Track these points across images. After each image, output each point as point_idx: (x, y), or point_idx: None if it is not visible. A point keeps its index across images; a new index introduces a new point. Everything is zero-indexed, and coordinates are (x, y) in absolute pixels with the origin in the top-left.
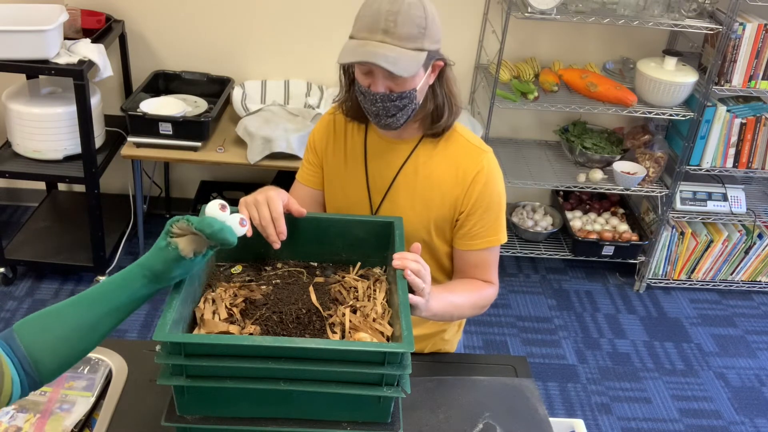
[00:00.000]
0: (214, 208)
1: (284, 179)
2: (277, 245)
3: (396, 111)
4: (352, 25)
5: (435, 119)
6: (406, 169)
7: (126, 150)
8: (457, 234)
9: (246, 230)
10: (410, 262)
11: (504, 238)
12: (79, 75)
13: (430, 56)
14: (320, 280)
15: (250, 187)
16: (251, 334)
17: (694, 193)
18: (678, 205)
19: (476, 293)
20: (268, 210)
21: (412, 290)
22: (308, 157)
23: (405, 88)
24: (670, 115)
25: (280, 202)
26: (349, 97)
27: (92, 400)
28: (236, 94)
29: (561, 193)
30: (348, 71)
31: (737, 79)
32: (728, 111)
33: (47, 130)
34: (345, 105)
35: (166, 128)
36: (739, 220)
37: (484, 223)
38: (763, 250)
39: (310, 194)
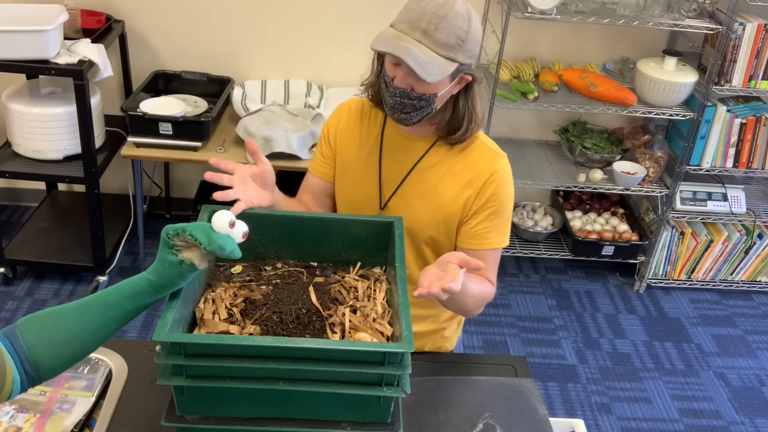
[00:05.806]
0: (224, 224)
1: (284, 179)
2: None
3: (411, 110)
4: (399, 12)
5: (451, 130)
6: (420, 166)
7: (126, 150)
8: (460, 230)
9: (244, 239)
10: (435, 287)
11: (506, 242)
12: (79, 75)
13: (460, 68)
14: (320, 280)
15: None
16: (251, 334)
17: (694, 193)
18: (678, 205)
19: (481, 286)
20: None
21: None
22: (321, 149)
23: (426, 91)
24: (670, 115)
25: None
26: (376, 82)
27: (92, 400)
28: (236, 94)
29: (561, 193)
30: (380, 57)
31: (737, 79)
32: (728, 111)
33: (47, 130)
34: (372, 89)
35: (166, 128)
36: (739, 220)
37: (488, 225)
38: (763, 250)
39: (321, 186)
